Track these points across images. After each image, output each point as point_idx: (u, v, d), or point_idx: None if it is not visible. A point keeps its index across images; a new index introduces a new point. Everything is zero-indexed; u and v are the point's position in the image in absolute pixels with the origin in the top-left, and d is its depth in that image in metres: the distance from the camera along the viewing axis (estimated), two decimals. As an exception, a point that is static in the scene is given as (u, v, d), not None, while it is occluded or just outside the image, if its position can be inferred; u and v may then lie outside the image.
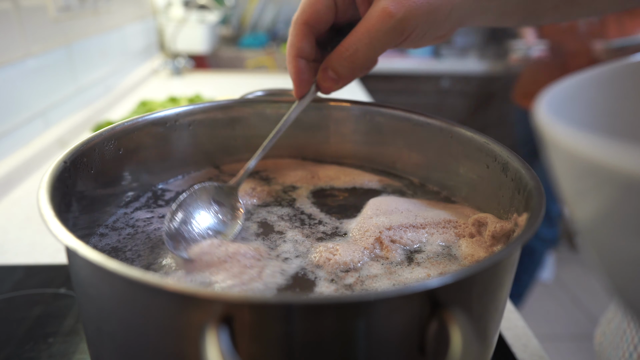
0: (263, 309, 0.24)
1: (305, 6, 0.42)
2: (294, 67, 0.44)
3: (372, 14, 0.39)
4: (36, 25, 1.03)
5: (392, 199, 0.48)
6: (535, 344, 0.52)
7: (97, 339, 0.32)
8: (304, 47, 0.43)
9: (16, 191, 0.85)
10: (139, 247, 0.41)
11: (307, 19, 0.42)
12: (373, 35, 0.40)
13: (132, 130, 0.47)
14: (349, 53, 0.41)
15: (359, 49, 0.41)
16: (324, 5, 0.42)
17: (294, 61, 0.44)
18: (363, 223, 0.43)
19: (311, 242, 0.42)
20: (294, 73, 0.45)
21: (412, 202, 0.47)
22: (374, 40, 0.40)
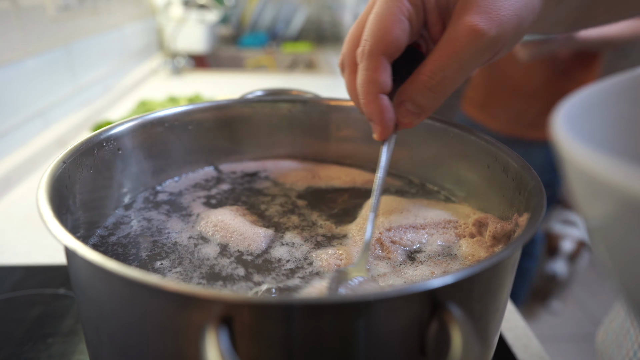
0: (263, 309, 0.24)
1: (380, 34, 0.35)
2: (377, 107, 0.37)
3: (459, 34, 0.34)
4: (35, 24, 1.03)
5: (392, 199, 0.48)
6: (535, 345, 0.52)
7: (96, 339, 0.32)
8: (384, 81, 0.36)
9: (15, 191, 0.85)
10: (139, 247, 0.41)
11: (385, 50, 0.35)
12: (462, 57, 0.34)
13: (131, 130, 0.47)
14: (435, 82, 0.35)
15: (447, 76, 0.35)
16: (401, 30, 0.35)
17: (377, 100, 0.37)
18: (363, 224, 0.43)
19: (310, 246, 0.42)
20: (378, 113, 0.37)
21: (411, 202, 0.47)
22: (465, 64, 0.34)
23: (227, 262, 0.39)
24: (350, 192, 0.52)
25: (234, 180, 0.54)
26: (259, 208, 0.48)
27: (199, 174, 0.54)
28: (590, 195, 0.16)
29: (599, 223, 0.17)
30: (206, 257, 0.40)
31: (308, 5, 2.64)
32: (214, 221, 0.44)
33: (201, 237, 0.42)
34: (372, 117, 0.38)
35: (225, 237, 0.42)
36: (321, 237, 0.43)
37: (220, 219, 0.44)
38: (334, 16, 2.65)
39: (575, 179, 0.17)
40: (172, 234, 0.43)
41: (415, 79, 0.36)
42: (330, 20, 2.67)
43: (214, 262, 0.39)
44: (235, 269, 0.38)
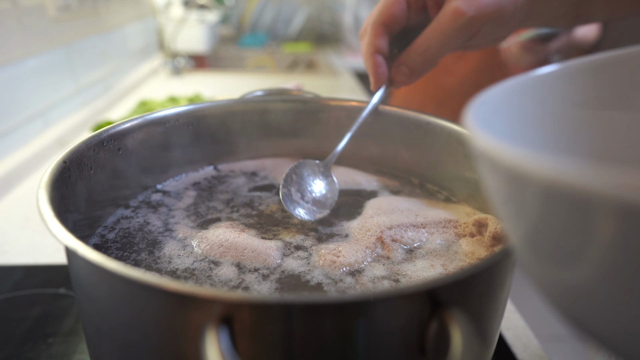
0: (263, 309, 0.24)
1: (382, 9, 0.47)
2: (372, 62, 0.48)
3: (445, 13, 0.44)
4: (36, 25, 1.03)
5: (393, 198, 0.48)
6: (535, 344, 0.52)
7: (97, 339, 0.32)
8: (381, 44, 0.47)
9: (16, 191, 0.85)
10: (139, 247, 0.41)
11: (384, 20, 0.46)
12: (445, 32, 0.44)
13: (132, 130, 0.47)
14: (422, 49, 0.45)
15: (431, 45, 0.45)
16: (399, 8, 0.46)
17: (372, 57, 0.47)
18: (364, 222, 0.43)
19: (311, 243, 0.42)
20: (372, 67, 0.48)
21: (412, 201, 0.47)
22: (446, 38, 0.44)
23: (253, 278, 0.37)
24: (349, 192, 0.52)
25: (234, 181, 0.54)
26: (258, 209, 0.48)
27: (199, 174, 0.54)
28: (489, 174, 0.18)
29: (499, 200, 0.18)
30: (227, 279, 0.37)
31: (308, 6, 2.64)
32: (218, 242, 0.40)
33: (210, 260, 0.39)
34: (368, 70, 0.49)
35: (236, 257, 0.39)
36: (324, 235, 0.43)
37: (224, 239, 0.41)
38: (334, 16, 2.65)
39: (480, 161, 0.19)
40: (173, 240, 0.43)
41: (410, 47, 0.47)
42: (330, 21, 2.67)
43: (238, 283, 0.36)
44: (260, 283, 0.36)
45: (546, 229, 0.16)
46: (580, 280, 0.16)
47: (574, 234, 0.15)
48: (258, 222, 0.45)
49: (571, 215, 0.15)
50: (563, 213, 0.15)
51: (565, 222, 0.15)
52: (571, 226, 0.15)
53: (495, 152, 0.17)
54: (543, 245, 0.17)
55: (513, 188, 0.17)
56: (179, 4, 1.98)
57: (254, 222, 0.45)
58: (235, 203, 0.49)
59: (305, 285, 0.36)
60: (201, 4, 1.97)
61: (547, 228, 0.16)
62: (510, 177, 0.16)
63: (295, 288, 0.36)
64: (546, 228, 0.16)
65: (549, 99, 0.27)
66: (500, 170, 0.17)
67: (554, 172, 0.14)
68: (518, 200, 0.17)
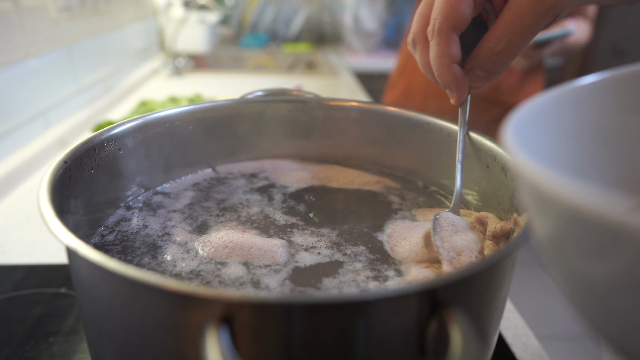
0: (263, 309, 0.24)
1: (448, 11, 0.40)
2: (451, 76, 0.42)
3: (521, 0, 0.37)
4: (37, 25, 1.03)
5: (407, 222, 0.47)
6: (535, 344, 0.52)
7: (98, 338, 0.32)
8: (455, 53, 0.41)
9: (16, 191, 0.85)
10: (139, 246, 0.41)
11: (454, 25, 0.40)
12: (526, 21, 0.37)
13: (132, 130, 0.47)
14: (500, 47, 0.39)
15: (511, 40, 0.38)
16: (466, 6, 0.40)
17: (450, 70, 0.41)
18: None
19: (315, 240, 0.42)
20: (453, 81, 0.42)
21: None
22: (528, 27, 0.37)
23: (265, 272, 0.37)
24: (349, 193, 0.52)
25: (234, 182, 0.54)
26: (257, 211, 0.48)
27: (199, 175, 0.54)
28: (537, 208, 0.17)
29: (545, 237, 0.18)
30: (237, 276, 0.37)
31: (308, 6, 2.64)
32: (222, 243, 0.40)
33: (216, 262, 0.39)
34: (448, 85, 0.42)
35: (243, 256, 0.39)
36: (328, 235, 0.43)
37: (228, 239, 0.40)
38: (334, 17, 2.65)
39: (525, 191, 0.18)
40: (173, 243, 0.43)
41: (482, 46, 0.40)
42: (330, 21, 2.67)
43: (249, 279, 0.37)
44: (271, 277, 0.37)
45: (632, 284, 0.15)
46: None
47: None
48: (258, 224, 0.45)
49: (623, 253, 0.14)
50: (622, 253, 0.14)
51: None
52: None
53: (553, 189, 0.15)
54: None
55: (563, 225, 0.16)
56: (179, 4, 1.98)
57: (253, 224, 0.45)
58: (235, 205, 0.49)
59: (318, 271, 0.36)
60: (201, 4, 1.97)
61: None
62: (583, 223, 0.15)
63: (306, 280, 0.36)
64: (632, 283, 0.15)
65: (588, 110, 0.26)
66: (563, 211, 0.16)
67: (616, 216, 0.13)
68: (594, 249, 0.16)
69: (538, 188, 0.16)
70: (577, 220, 0.15)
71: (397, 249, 0.40)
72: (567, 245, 0.17)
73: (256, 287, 0.36)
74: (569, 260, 0.17)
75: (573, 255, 0.17)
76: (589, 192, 0.14)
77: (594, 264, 0.16)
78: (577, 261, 0.17)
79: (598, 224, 0.14)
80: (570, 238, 0.16)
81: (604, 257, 0.15)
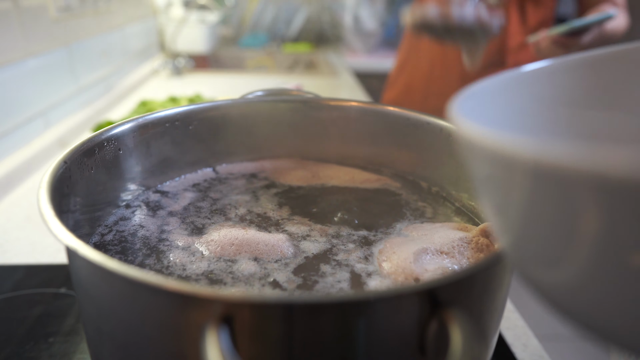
0: (263, 309, 0.24)
1: None
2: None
3: None
4: (36, 25, 1.03)
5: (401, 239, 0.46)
6: (535, 344, 0.52)
7: (98, 338, 0.32)
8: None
9: (16, 191, 0.85)
10: (139, 246, 0.41)
11: None
12: None
13: (132, 130, 0.47)
14: None
15: None
16: None
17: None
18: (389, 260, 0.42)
19: (330, 236, 0.42)
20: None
21: (414, 228, 0.46)
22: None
23: (277, 266, 0.38)
24: (350, 191, 0.52)
25: (233, 182, 0.54)
26: (257, 210, 0.48)
27: (199, 175, 0.54)
28: (468, 155, 0.19)
29: (477, 180, 0.19)
30: (250, 273, 0.37)
31: (308, 6, 2.63)
32: (228, 241, 0.40)
33: (225, 260, 0.39)
34: None
35: (252, 252, 0.39)
36: (327, 229, 0.43)
37: (234, 237, 0.40)
38: (334, 17, 2.65)
39: (466, 149, 0.19)
40: (173, 245, 0.43)
41: None
42: (330, 21, 2.67)
43: (264, 274, 0.37)
44: (284, 271, 0.37)
45: (533, 214, 0.17)
46: (569, 266, 0.17)
47: (560, 217, 0.16)
48: (258, 222, 0.45)
49: (554, 194, 0.15)
50: (547, 193, 0.15)
51: (550, 204, 0.15)
52: (556, 208, 0.15)
53: (480, 137, 0.17)
54: (531, 234, 0.18)
55: (499, 172, 0.17)
56: (179, 4, 1.98)
57: (253, 222, 0.45)
58: (234, 204, 0.49)
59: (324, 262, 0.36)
60: (201, 4, 1.97)
61: (534, 214, 0.17)
62: (496, 161, 0.17)
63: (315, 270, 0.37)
64: (533, 214, 0.17)
65: (533, 96, 0.27)
66: (487, 155, 0.17)
67: (539, 152, 0.15)
68: (505, 185, 0.17)
69: (465, 137, 0.18)
70: (494, 160, 0.17)
71: (384, 265, 0.40)
72: (489, 184, 0.19)
73: (272, 282, 0.36)
74: (491, 198, 0.19)
75: (492, 193, 0.19)
76: (502, 135, 0.16)
77: (505, 197, 0.18)
78: (496, 198, 0.19)
79: (504, 159, 0.16)
80: (490, 177, 0.18)
81: (510, 189, 0.17)
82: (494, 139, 0.16)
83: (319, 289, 0.36)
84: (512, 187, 0.17)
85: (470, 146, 0.18)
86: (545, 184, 0.15)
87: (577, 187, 0.14)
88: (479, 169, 0.19)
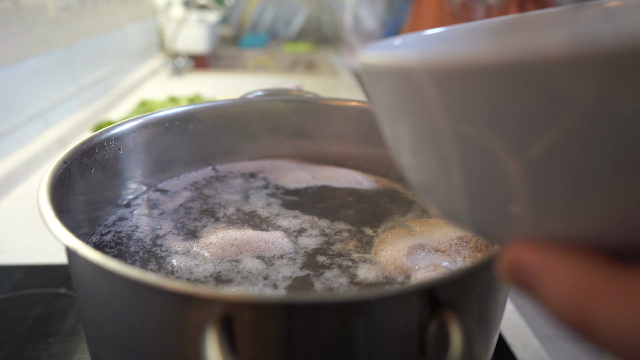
0: (263, 309, 0.24)
1: None
2: None
3: None
4: (36, 25, 1.03)
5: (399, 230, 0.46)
6: (535, 344, 0.52)
7: (97, 338, 0.32)
8: None
9: (16, 191, 0.85)
10: (139, 246, 0.41)
11: None
12: None
13: (132, 130, 0.47)
14: None
15: None
16: None
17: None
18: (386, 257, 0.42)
19: (329, 229, 0.42)
20: None
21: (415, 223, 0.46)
22: None
23: (285, 262, 0.39)
24: (351, 191, 0.52)
25: (232, 182, 0.54)
26: (250, 210, 0.48)
27: (199, 174, 0.54)
28: (365, 80, 0.21)
29: (374, 102, 0.21)
30: (259, 271, 0.38)
31: (308, 6, 2.64)
32: (227, 242, 0.40)
33: (229, 260, 0.39)
34: None
35: (254, 250, 0.40)
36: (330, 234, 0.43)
37: (233, 237, 0.41)
38: (334, 16, 2.65)
39: (365, 75, 0.21)
40: (172, 246, 0.43)
41: None
42: (330, 21, 2.67)
43: (269, 270, 0.38)
44: (292, 266, 0.38)
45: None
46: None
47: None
48: (257, 222, 0.45)
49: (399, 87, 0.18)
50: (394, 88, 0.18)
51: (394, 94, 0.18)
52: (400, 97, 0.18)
53: (366, 59, 0.19)
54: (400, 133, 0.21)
55: (375, 82, 0.20)
56: (179, 4, 1.98)
57: (252, 222, 0.45)
58: (232, 204, 0.49)
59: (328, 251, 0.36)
60: (201, 4, 1.97)
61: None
62: (373, 73, 0.19)
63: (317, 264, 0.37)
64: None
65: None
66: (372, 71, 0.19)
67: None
68: (383, 94, 0.20)
69: (362, 62, 0.20)
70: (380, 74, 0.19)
71: (380, 253, 0.40)
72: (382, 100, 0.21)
73: (282, 277, 0.37)
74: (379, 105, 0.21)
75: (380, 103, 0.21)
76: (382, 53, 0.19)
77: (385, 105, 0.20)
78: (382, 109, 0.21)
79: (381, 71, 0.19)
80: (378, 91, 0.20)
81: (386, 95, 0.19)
82: (371, 56, 0.19)
83: (329, 278, 0.36)
84: (384, 93, 0.19)
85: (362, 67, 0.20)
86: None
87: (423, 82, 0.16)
88: (371, 88, 0.21)
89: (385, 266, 0.38)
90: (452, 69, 0.15)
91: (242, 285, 0.36)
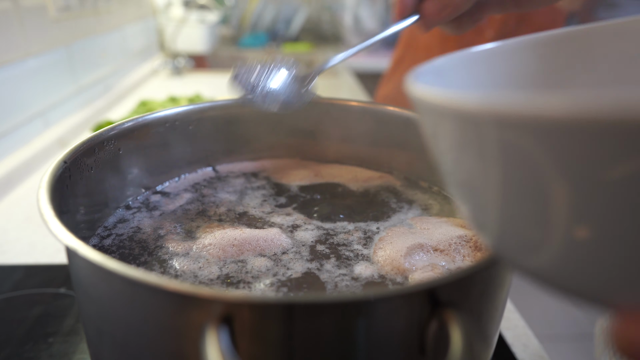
0: (263, 309, 0.24)
1: None
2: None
3: None
4: (36, 25, 1.03)
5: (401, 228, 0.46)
6: (535, 344, 0.52)
7: (97, 338, 0.32)
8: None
9: (16, 191, 0.85)
10: (139, 246, 0.41)
11: None
12: None
13: (132, 130, 0.47)
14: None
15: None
16: None
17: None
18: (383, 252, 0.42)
19: (328, 223, 0.42)
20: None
21: (416, 221, 0.46)
22: None
23: (291, 257, 0.39)
24: (354, 187, 0.52)
25: (233, 181, 0.54)
26: (246, 210, 0.48)
27: (199, 175, 0.54)
28: (428, 119, 0.21)
29: (428, 136, 0.22)
30: (266, 268, 0.38)
31: (308, 6, 2.64)
32: (227, 243, 0.40)
33: (233, 261, 0.39)
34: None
35: (255, 249, 0.40)
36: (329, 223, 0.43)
37: (232, 237, 0.40)
38: (334, 16, 2.65)
39: (421, 111, 0.21)
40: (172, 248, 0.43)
41: None
42: (330, 21, 2.67)
43: (278, 267, 0.38)
44: (299, 261, 0.39)
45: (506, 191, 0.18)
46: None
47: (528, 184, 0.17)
48: (246, 221, 0.45)
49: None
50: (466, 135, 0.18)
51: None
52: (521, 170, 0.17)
53: (427, 96, 0.19)
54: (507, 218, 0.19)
55: (438, 123, 0.20)
56: (179, 4, 1.98)
57: (241, 221, 0.45)
58: (230, 204, 0.49)
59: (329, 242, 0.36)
60: (201, 4, 1.97)
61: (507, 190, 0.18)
62: (436, 114, 0.19)
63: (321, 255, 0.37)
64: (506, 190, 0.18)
65: (482, 76, 0.28)
66: (448, 115, 0.19)
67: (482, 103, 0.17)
68: (443, 134, 0.20)
69: (417, 97, 0.20)
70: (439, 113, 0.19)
71: (379, 252, 0.40)
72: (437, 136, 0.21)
73: (295, 272, 0.37)
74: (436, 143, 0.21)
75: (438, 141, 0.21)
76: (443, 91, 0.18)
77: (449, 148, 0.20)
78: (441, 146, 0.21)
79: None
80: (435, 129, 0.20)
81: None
82: (450, 96, 0.18)
83: (335, 272, 0.36)
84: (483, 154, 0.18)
85: (420, 105, 0.20)
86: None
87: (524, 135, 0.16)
88: (424, 121, 0.21)
89: (382, 266, 0.38)
90: (523, 121, 0.15)
91: (257, 285, 0.36)
